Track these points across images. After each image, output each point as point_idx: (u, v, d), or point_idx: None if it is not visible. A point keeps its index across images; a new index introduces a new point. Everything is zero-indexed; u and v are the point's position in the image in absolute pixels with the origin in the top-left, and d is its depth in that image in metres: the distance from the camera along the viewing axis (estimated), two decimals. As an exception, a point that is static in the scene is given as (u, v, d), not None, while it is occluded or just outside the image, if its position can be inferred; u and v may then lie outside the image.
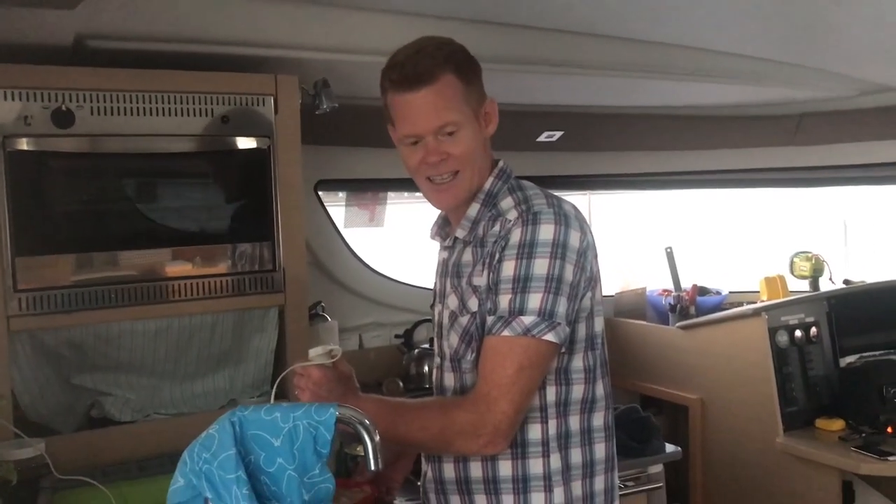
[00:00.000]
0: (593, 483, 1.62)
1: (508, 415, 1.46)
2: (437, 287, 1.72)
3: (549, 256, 1.49)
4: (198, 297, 2.08)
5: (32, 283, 1.91)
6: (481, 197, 1.61)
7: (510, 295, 1.48)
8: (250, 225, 2.15)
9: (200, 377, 2.22)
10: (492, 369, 1.47)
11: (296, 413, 1.26)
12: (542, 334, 1.46)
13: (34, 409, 2.02)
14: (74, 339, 2.01)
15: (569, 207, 1.57)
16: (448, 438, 1.50)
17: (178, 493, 1.23)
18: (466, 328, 1.58)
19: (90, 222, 2.00)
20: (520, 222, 1.51)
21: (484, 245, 1.58)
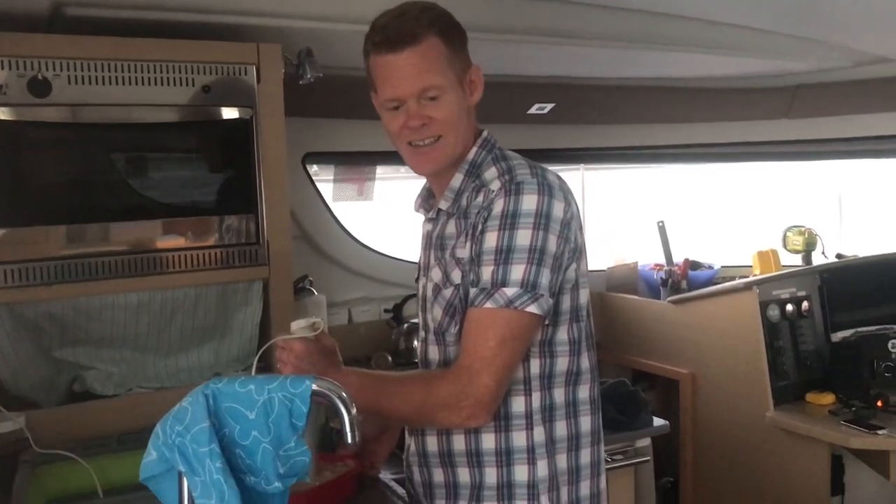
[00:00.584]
0: (578, 456, 1.61)
1: (490, 387, 1.44)
2: (422, 260, 1.70)
3: (532, 227, 1.46)
4: (180, 271, 2.05)
5: (10, 255, 1.87)
6: (465, 167, 1.59)
7: (493, 266, 1.46)
8: (233, 197, 2.12)
9: (185, 351, 2.20)
10: (474, 342, 1.46)
11: (271, 385, 1.23)
12: (524, 306, 1.44)
13: (15, 383, 2.00)
14: (55, 313, 1.98)
15: (553, 178, 1.54)
16: (430, 411, 1.49)
17: (150, 466, 1.21)
18: (450, 301, 1.56)
19: (68, 194, 1.96)
20: (503, 192, 1.49)
21: (467, 216, 1.55)
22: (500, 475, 1.56)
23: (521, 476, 1.55)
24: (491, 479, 1.56)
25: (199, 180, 2.10)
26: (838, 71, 3.18)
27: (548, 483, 1.56)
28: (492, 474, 1.56)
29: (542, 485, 1.55)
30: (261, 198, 2.13)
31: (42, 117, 1.89)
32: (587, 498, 1.63)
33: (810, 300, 3.00)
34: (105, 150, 2.00)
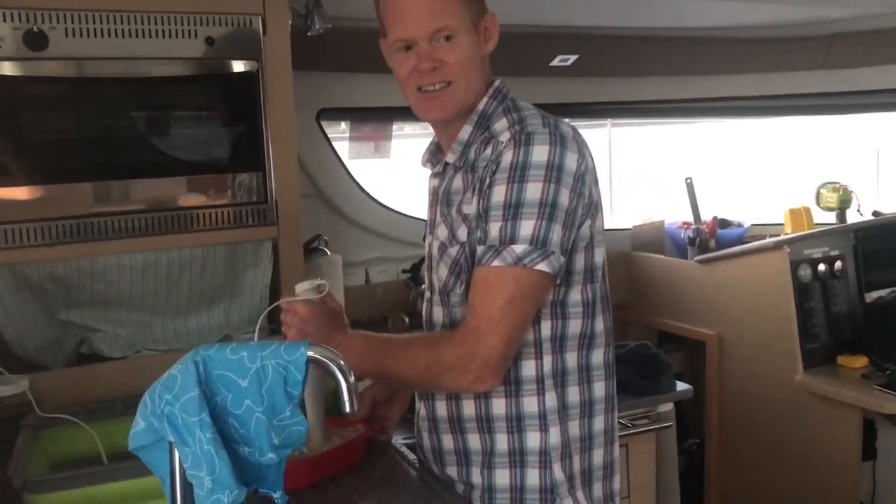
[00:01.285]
0: (592, 423, 1.54)
1: (498, 349, 1.37)
2: (428, 218, 1.62)
3: (542, 180, 1.38)
4: (185, 231, 1.99)
5: (8, 214, 1.82)
6: (474, 118, 1.51)
7: (500, 222, 1.38)
8: (239, 154, 2.04)
9: (194, 313, 2.15)
10: (481, 302, 1.39)
11: (264, 352, 1.17)
12: (534, 264, 1.36)
13: (21, 344, 1.96)
14: (58, 274, 1.94)
15: (566, 128, 1.46)
16: (436, 375, 1.42)
17: (139, 436, 1.15)
18: (455, 259, 1.49)
19: (67, 152, 1.90)
20: (512, 144, 1.41)
21: (475, 170, 1.47)
22: (511, 441, 1.50)
23: (532, 443, 1.49)
24: (502, 446, 1.50)
25: (204, 137, 2.03)
26: (877, 18, 3.02)
27: (560, 451, 1.50)
28: (503, 440, 1.50)
29: (554, 452, 1.49)
30: (268, 155, 2.05)
31: (39, 72, 1.82)
32: (600, 467, 1.57)
33: (844, 259, 2.88)
34: (105, 106, 1.92)
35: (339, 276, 2.78)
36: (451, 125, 1.53)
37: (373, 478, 1.71)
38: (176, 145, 1.99)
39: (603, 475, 1.58)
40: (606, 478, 1.59)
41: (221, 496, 1.12)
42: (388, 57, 1.52)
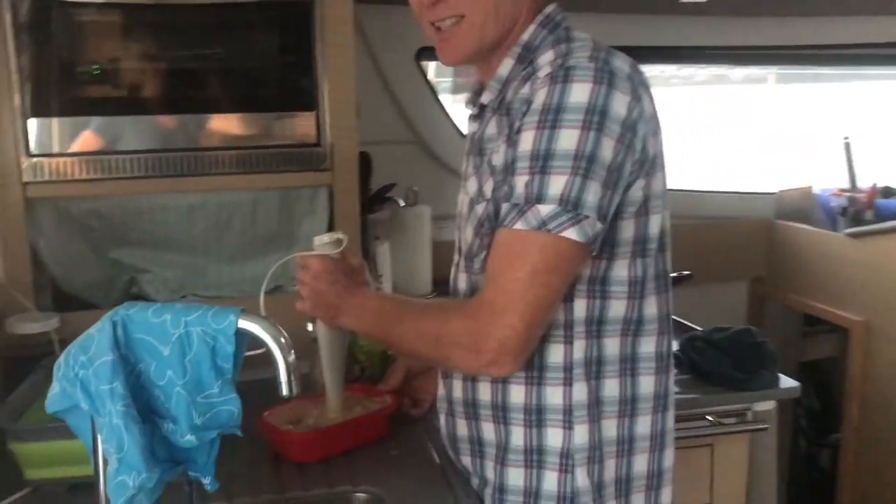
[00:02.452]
0: (634, 424, 1.29)
1: (518, 330, 1.14)
2: (463, 167, 1.40)
3: (580, 126, 1.13)
4: (229, 172, 1.87)
5: (48, 147, 1.77)
6: (517, 51, 1.26)
7: (527, 176, 1.14)
8: (292, 93, 1.89)
9: (249, 260, 2.04)
10: (500, 271, 1.17)
11: (189, 317, 1.01)
12: (561, 229, 1.12)
13: (68, 281, 1.93)
14: (101, 212, 1.88)
15: (619, 64, 1.19)
16: (444, 350, 1.23)
17: (54, 401, 1.03)
18: (481, 219, 1.27)
19: (112, 83, 1.81)
20: (548, 80, 1.15)
21: (510, 112, 1.23)
22: (528, 437, 1.28)
23: (552, 441, 1.27)
24: (517, 441, 1.29)
25: (253, 72, 1.88)
26: None
27: (587, 454, 1.26)
28: (518, 434, 1.28)
29: (578, 455, 1.26)
30: (322, 95, 1.88)
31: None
32: (643, 476, 1.31)
33: None
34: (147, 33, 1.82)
35: (425, 228, 2.60)
36: (491, 60, 1.29)
37: (388, 458, 1.54)
38: (223, 80, 1.86)
39: (647, 486, 1.32)
40: (651, 489, 1.33)
41: (126, 478, 0.99)
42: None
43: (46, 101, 1.76)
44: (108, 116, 1.81)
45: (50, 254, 1.87)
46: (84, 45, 1.78)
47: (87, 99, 1.79)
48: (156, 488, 1.05)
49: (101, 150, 1.80)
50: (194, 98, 1.85)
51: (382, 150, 2.58)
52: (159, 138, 1.83)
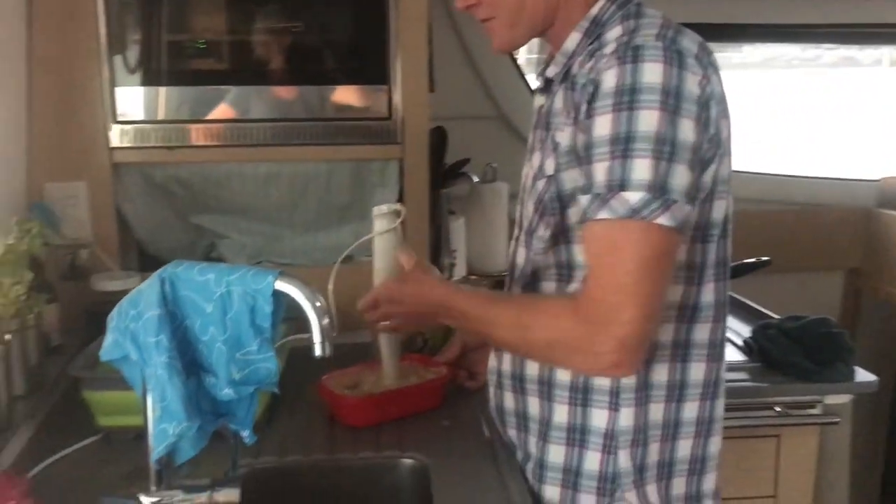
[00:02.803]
0: (681, 409, 1.27)
1: (637, 325, 1.09)
2: (529, 141, 1.39)
3: (658, 107, 1.08)
4: (303, 143, 1.91)
5: (133, 115, 1.86)
6: (584, 25, 1.24)
7: (607, 162, 1.10)
8: (363, 66, 1.92)
9: (323, 229, 2.10)
10: (604, 266, 1.11)
11: (230, 277, 1.06)
12: (653, 216, 1.07)
13: (153, 243, 2.03)
14: (182, 178, 1.97)
15: (687, 43, 1.15)
16: (557, 355, 1.20)
17: (107, 350, 1.10)
18: (540, 196, 1.26)
19: (192, 54, 1.88)
20: (615, 60, 1.12)
21: (574, 87, 1.21)
22: (572, 415, 1.27)
23: (597, 421, 1.26)
24: (560, 418, 1.28)
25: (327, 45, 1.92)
26: None
27: (631, 436, 1.25)
28: (562, 412, 1.28)
29: (622, 437, 1.25)
30: (395, 68, 1.90)
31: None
32: (686, 461, 1.29)
33: None
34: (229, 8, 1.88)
35: (502, 205, 2.60)
36: (557, 33, 1.27)
37: (438, 428, 1.56)
38: (300, 53, 1.90)
39: (689, 470, 1.30)
40: (694, 474, 1.31)
41: (167, 426, 1.04)
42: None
43: (133, 69, 1.85)
44: (189, 86, 1.88)
45: (135, 217, 1.97)
46: (167, 17, 1.85)
47: (169, 69, 1.87)
48: (200, 438, 1.10)
49: (182, 118, 1.88)
50: (271, 70, 1.90)
51: (463, 124, 2.59)
52: (237, 108, 1.90)
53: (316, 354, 1.06)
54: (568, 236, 1.24)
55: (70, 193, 1.88)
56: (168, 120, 1.88)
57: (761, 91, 4.75)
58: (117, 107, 1.85)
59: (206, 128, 1.88)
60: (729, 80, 1.25)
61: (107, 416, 1.47)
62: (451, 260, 2.35)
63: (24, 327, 1.54)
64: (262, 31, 1.89)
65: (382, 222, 1.53)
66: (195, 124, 1.88)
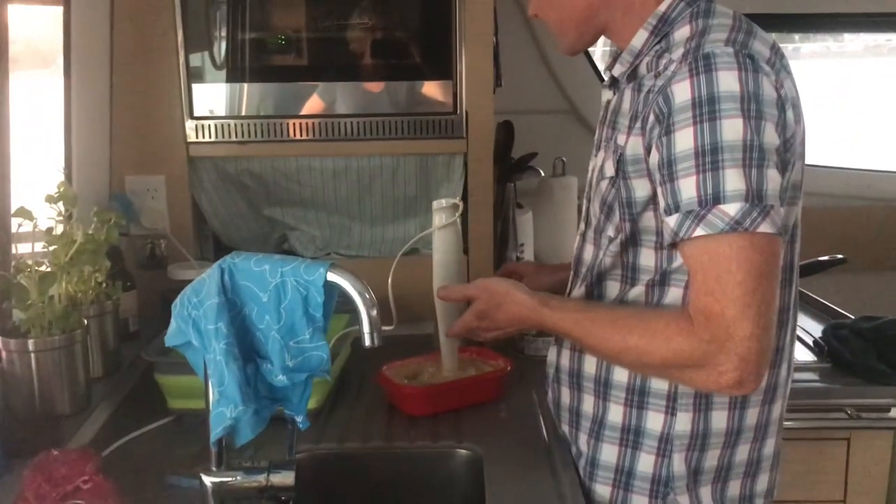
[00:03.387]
0: (743, 416, 1.25)
1: (757, 339, 1.06)
2: (596, 136, 1.38)
3: (740, 115, 1.06)
4: (369, 138, 1.96)
5: (208, 110, 1.93)
6: (651, 22, 1.22)
7: (695, 176, 1.07)
8: (429, 61, 1.94)
9: (390, 222, 2.14)
10: (715, 281, 1.07)
11: (285, 268, 1.10)
12: (755, 225, 1.05)
13: (227, 234, 2.11)
14: (254, 171, 2.03)
15: (759, 46, 1.13)
16: (675, 373, 1.17)
17: (171, 336, 1.16)
18: (604, 196, 1.25)
19: (262, 51, 1.94)
20: (686, 70, 1.09)
21: (640, 89, 1.20)
22: (626, 416, 1.27)
23: (652, 424, 1.25)
24: (615, 418, 1.28)
25: (394, 41, 1.95)
26: None
27: (688, 441, 1.24)
28: (617, 412, 1.28)
29: (678, 441, 1.24)
30: (460, 63, 1.92)
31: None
32: (742, 464, 1.28)
33: None
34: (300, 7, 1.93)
35: (572, 199, 2.59)
36: (621, 31, 1.26)
37: (495, 419, 1.59)
38: (361, 49, 1.94)
39: (744, 473, 1.29)
40: (748, 476, 1.29)
41: (225, 410, 1.09)
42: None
43: (208, 67, 1.93)
44: (259, 83, 1.94)
45: (211, 209, 2.05)
46: (239, 16, 1.92)
47: (242, 66, 1.94)
48: (258, 422, 1.15)
49: (254, 114, 1.94)
50: (339, 67, 1.95)
51: (534, 118, 2.59)
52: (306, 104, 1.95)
53: (365, 345, 1.09)
54: (637, 240, 1.23)
55: (149, 186, 1.97)
56: (240, 116, 1.94)
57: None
58: (194, 103, 1.92)
59: (276, 123, 1.94)
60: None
61: (177, 399, 1.54)
62: (519, 253, 2.36)
63: (103, 313, 1.63)
64: (329, 29, 1.94)
65: (441, 216, 1.56)
66: (266, 119, 1.94)
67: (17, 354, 1.41)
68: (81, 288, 1.58)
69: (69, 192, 1.52)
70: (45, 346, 1.41)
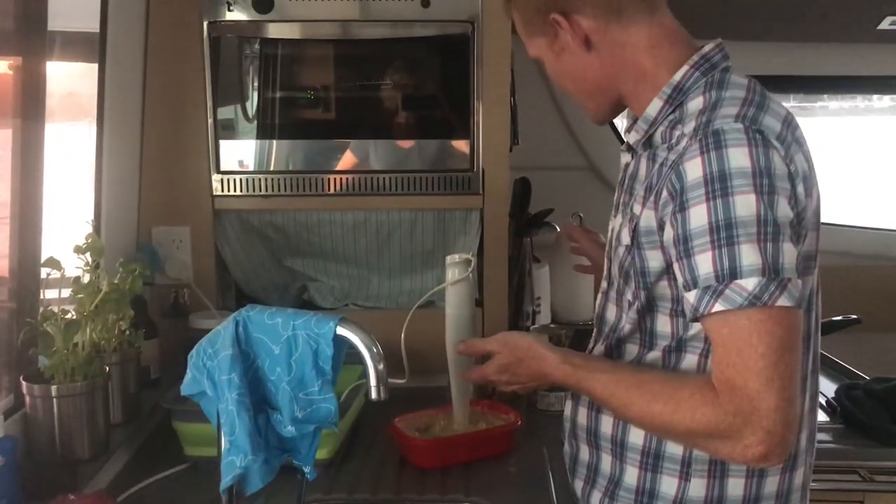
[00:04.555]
0: (762, 484, 1.25)
1: (782, 411, 1.06)
2: (615, 197, 1.39)
3: (752, 191, 1.07)
4: (389, 193, 2.01)
5: (233, 165, 2.00)
6: (666, 91, 1.23)
7: (710, 252, 1.08)
8: (447, 120, 2.01)
9: (408, 274, 2.19)
10: (736, 353, 1.07)
11: (296, 321, 1.14)
12: (773, 300, 1.06)
13: (248, 284, 2.16)
14: (277, 223, 2.09)
15: (770, 121, 1.14)
16: (699, 443, 1.17)
17: (186, 385, 1.20)
18: (622, 261, 1.26)
19: (286, 109, 2.02)
20: (696, 147, 1.10)
21: (654, 159, 1.22)
22: (641, 479, 1.27)
23: (665, 488, 1.25)
24: (630, 480, 1.28)
25: (414, 101, 2.02)
26: None
27: None
28: (632, 474, 1.28)
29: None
30: (477, 122, 1.98)
31: (263, 33, 1.96)
32: None
33: None
34: (320, 67, 2.01)
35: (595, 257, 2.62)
36: (638, 99, 1.27)
37: (505, 474, 1.60)
38: (383, 108, 2.01)
39: None
40: None
41: (235, 458, 1.13)
42: None
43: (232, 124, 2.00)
44: (283, 140, 2.01)
45: (233, 259, 2.11)
46: (265, 76, 2.00)
47: (267, 123, 2.01)
48: (268, 471, 1.18)
49: (278, 169, 2.01)
50: (361, 125, 2.02)
51: (552, 175, 2.64)
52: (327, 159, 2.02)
53: (371, 398, 1.13)
54: (653, 306, 1.24)
55: (175, 237, 2.04)
56: (265, 171, 2.01)
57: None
58: (221, 158, 1.99)
59: (298, 178, 2.01)
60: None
61: (193, 447, 1.57)
62: (535, 307, 2.38)
63: (125, 360, 1.68)
64: (350, 90, 2.01)
65: (455, 271, 1.59)
66: (289, 175, 2.01)
67: (40, 399, 1.46)
68: (105, 336, 1.63)
69: (97, 243, 1.58)
70: (67, 391, 1.46)
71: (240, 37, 1.96)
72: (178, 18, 1.95)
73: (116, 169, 1.93)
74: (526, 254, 2.32)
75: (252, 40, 1.97)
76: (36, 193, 1.57)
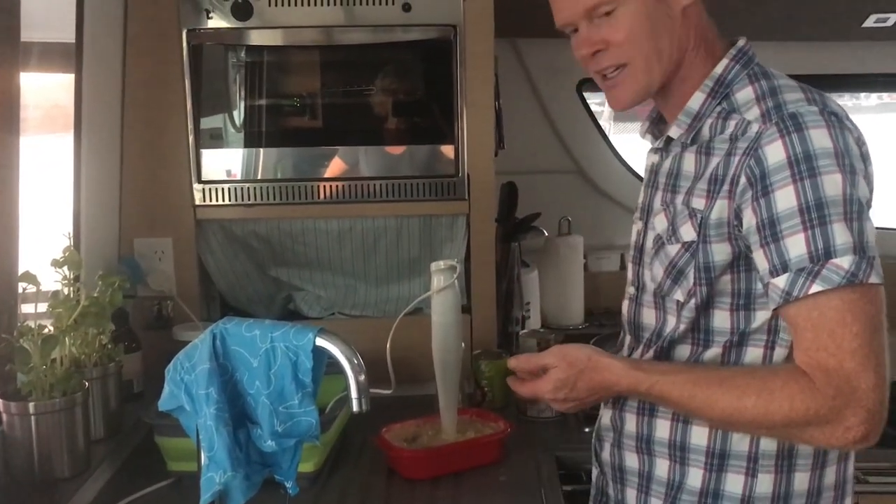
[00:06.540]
0: (823, 475, 1.24)
1: (880, 389, 1.05)
2: (642, 199, 1.37)
3: (838, 170, 1.09)
4: (373, 200, 1.99)
5: (215, 174, 1.98)
6: (709, 84, 1.23)
7: (802, 233, 1.08)
8: (431, 125, 1.99)
9: (395, 282, 2.16)
10: (831, 334, 1.07)
11: (275, 333, 1.11)
12: (867, 277, 1.06)
13: (232, 295, 2.13)
14: (260, 233, 2.07)
15: (834, 105, 1.17)
16: (796, 433, 1.14)
17: (164, 400, 1.17)
18: (674, 261, 1.23)
19: (269, 117, 1.99)
20: (774, 131, 1.12)
21: (710, 152, 1.20)
22: (706, 480, 1.25)
23: (732, 487, 1.24)
24: (694, 483, 1.26)
25: (398, 106, 2.00)
26: None
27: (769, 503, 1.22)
28: (696, 476, 1.25)
29: (759, 503, 1.22)
30: (461, 127, 1.96)
31: (243, 40, 1.94)
32: None
33: None
34: (302, 74, 1.99)
35: (577, 258, 2.61)
36: (672, 92, 1.27)
37: (494, 483, 1.58)
38: (365, 114, 1.99)
39: None
40: None
41: (214, 475, 1.10)
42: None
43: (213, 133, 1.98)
44: (264, 148, 1.99)
45: (217, 270, 2.08)
46: (247, 84, 1.98)
47: (249, 132, 1.99)
48: (249, 486, 1.15)
49: (260, 178, 1.99)
50: (345, 132, 2.00)
51: (539, 178, 2.63)
52: (312, 167, 1.99)
53: (353, 410, 1.10)
54: (711, 303, 1.22)
55: (157, 248, 2.01)
56: (246, 179, 1.98)
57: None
58: (202, 168, 1.97)
59: (281, 186, 1.98)
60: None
61: (177, 462, 1.54)
62: (525, 312, 2.37)
63: (106, 375, 1.65)
64: (334, 96, 1.99)
65: (440, 278, 1.57)
66: (271, 182, 1.98)
67: (17, 417, 1.42)
68: (85, 350, 1.60)
69: (74, 256, 1.55)
70: (45, 409, 1.43)
71: (222, 45, 1.94)
72: (157, 27, 1.93)
73: (95, 180, 1.90)
74: (514, 259, 2.31)
75: (237, 48, 1.94)
76: (11, 206, 1.54)
